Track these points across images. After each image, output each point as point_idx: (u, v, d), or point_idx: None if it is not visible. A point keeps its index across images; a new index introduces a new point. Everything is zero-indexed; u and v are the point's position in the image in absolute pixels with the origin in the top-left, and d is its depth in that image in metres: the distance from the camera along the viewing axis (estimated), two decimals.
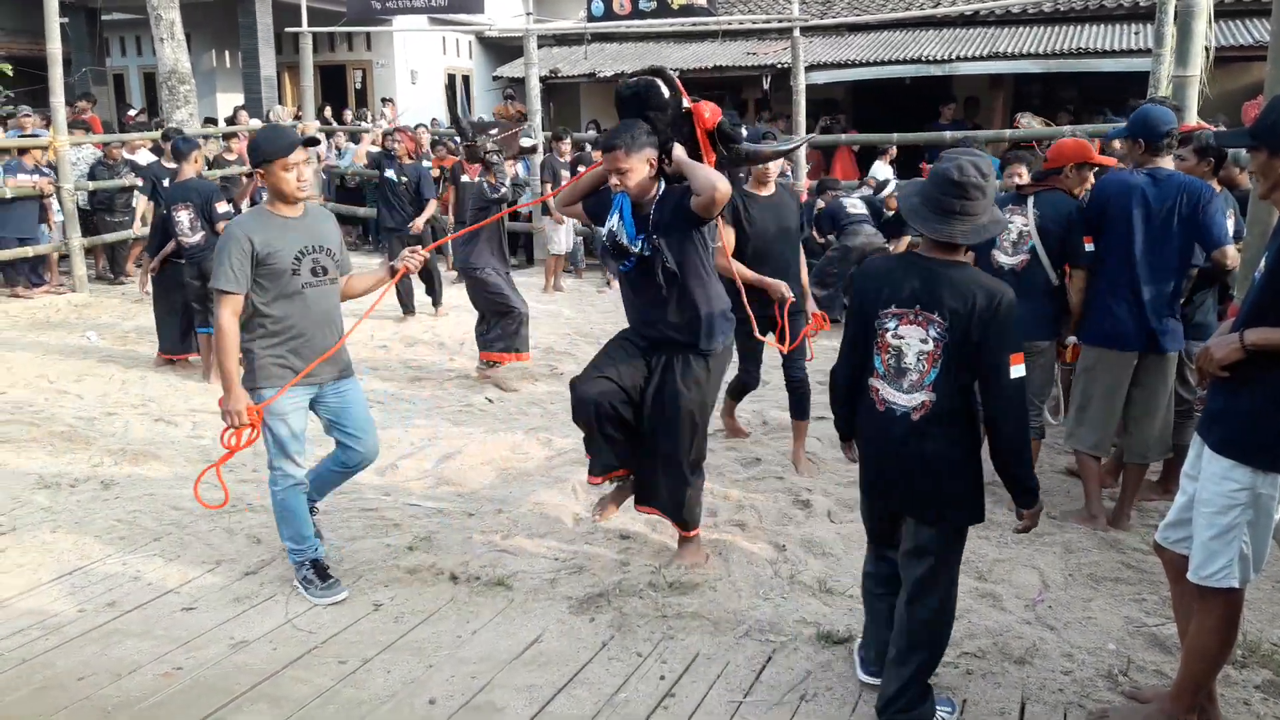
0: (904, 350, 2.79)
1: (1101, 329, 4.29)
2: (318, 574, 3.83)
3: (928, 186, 2.81)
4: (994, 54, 13.01)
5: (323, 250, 3.81)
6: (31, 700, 3.11)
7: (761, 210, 4.95)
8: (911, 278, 2.78)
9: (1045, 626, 3.54)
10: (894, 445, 2.82)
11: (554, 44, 16.91)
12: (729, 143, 3.75)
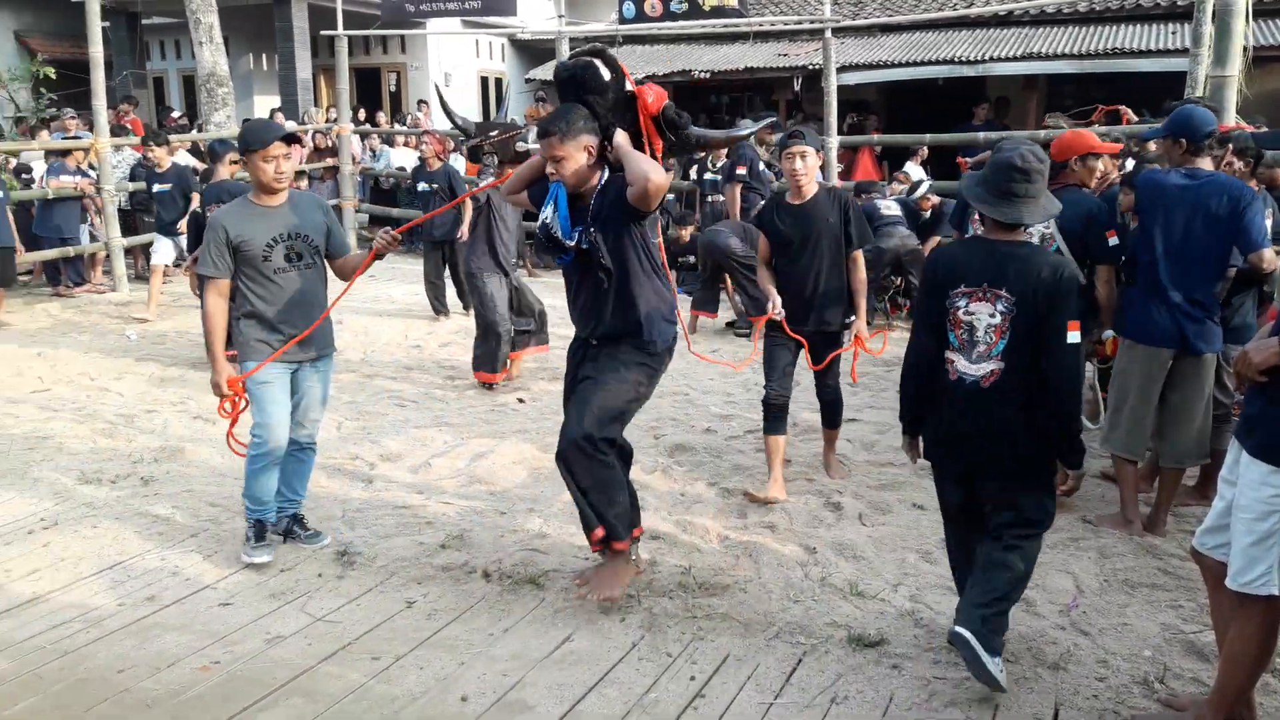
0: (975, 325, 3.08)
1: (1136, 325, 4.26)
2: (256, 535, 4.16)
3: (990, 175, 3.09)
4: (1028, 54, 12.90)
5: (298, 237, 4.07)
6: (73, 692, 3.17)
7: (789, 217, 4.73)
8: (979, 259, 3.09)
9: (1080, 632, 3.51)
10: (967, 410, 3.11)
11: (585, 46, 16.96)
12: (675, 129, 3.53)
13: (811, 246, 4.68)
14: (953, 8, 14.72)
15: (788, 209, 4.74)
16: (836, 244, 4.70)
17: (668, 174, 3.46)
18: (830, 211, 4.69)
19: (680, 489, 4.92)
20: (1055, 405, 2.99)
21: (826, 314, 4.75)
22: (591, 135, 3.47)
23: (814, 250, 4.68)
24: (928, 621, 3.57)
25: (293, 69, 16.04)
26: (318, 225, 4.14)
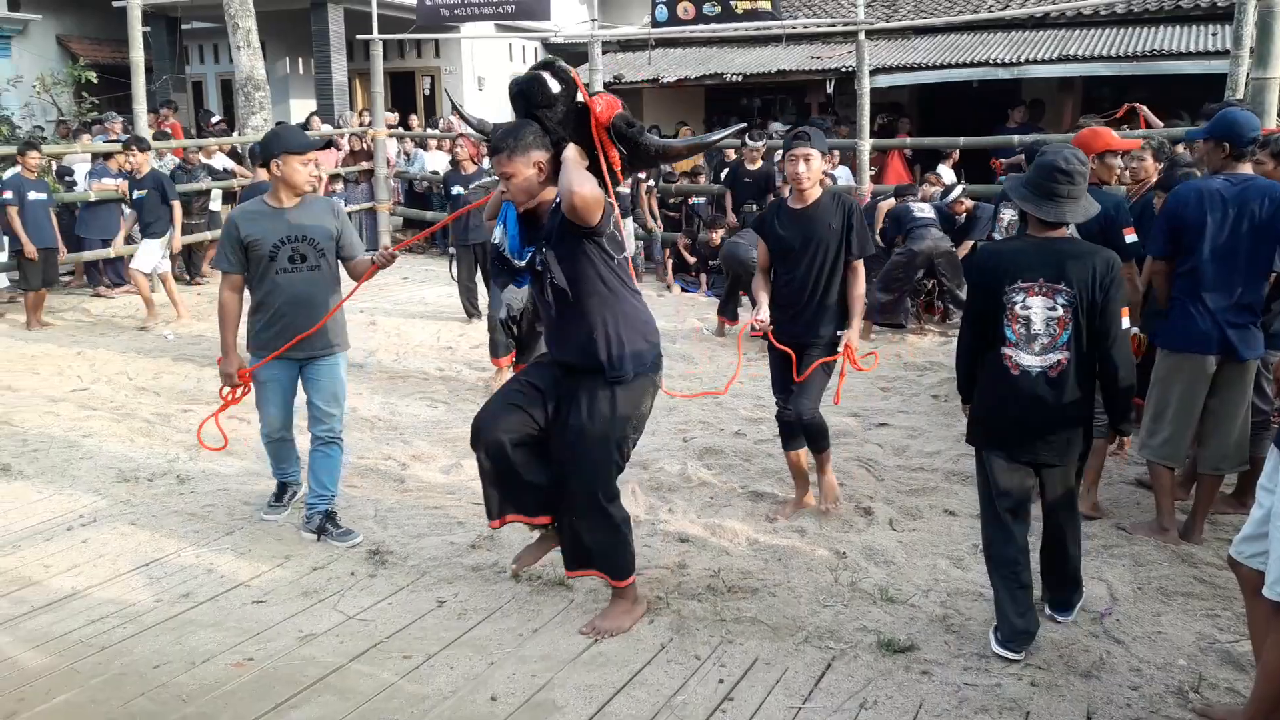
0: (1032, 319, 3.26)
1: (1178, 334, 4.20)
2: (275, 495, 4.66)
3: (1034, 176, 3.31)
4: (1064, 56, 12.76)
5: (304, 240, 4.26)
6: (111, 686, 3.23)
7: (789, 222, 4.42)
8: (1033, 256, 3.28)
9: (1113, 640, 3.47)
10: (1031, 400, 3.28)
11: (618, 50, 17.01)
12: (626, 140, 3.33)
13: (810, 254, 4.35)
14: (988, 10, 14.60)
15: (788, 213, 4.44)
16: (836, 251, 4.36)
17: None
18: (832, 217, 4.35)
19: (709, 492, 4.92)
20: (1116, 384, 3.31)
21: (820, 325, 4.40)
22: (542, 151, 3.34)
23: (813, 258, 4.35)
24: (959, 628, 3.55)
25: (329, 73, 16.21)
26: (326, 229, 4.31)
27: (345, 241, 4.38)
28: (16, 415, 6.21)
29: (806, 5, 16.57)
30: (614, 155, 3.35)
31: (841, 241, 4.35)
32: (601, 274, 3.36)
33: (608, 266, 3.36)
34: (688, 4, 11.02)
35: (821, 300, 4.38)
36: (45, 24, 18.00)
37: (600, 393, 3.41)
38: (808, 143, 4.34)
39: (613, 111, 3.31)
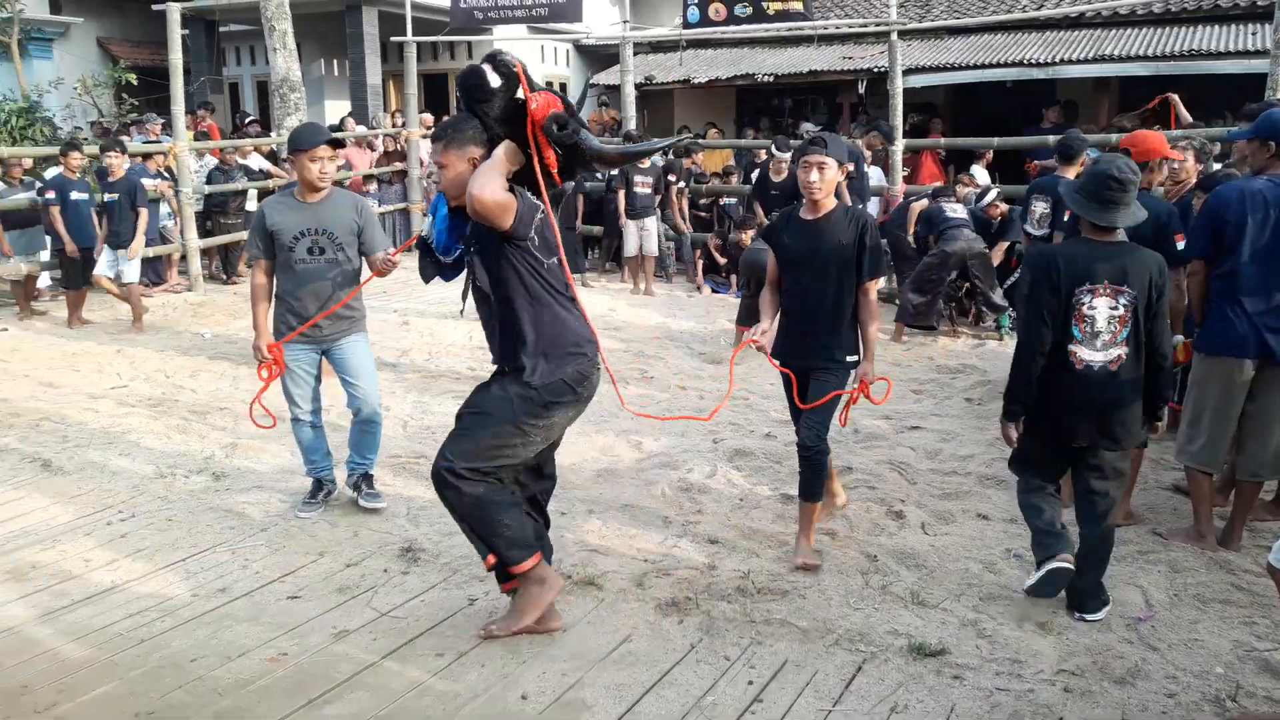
0: (1096, 318, 3.53)
1: (1216, 337, 4.14)
2: (309, 492, 4.75)
3: (1089, 183, 3.56)
4: (1100, 56, 12.64)
5: (323, 233, 4.49)
6: (149, 679, 3.28)
7: (798, 233, 4.13)
8: (1098, 260, 3.53)
9: (1148, 647, 3.43)
10: (1095, 392, 3.55)
11: (649, 51, 17.03)
12: (559, 142, 3.18)
13: (818, 269, 4.05)
14: (1022, 9, 14.48)
15: (798, 224, 4.15)
16: (847, 269, 4.03)
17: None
18: (844, 232, 4.03)
19: (739, 494, 4.91)
20: (1159, 375, 3.62)
21: (827, 348, 4.07)
22: (477, 147, 3.25)
23: (820, 273, 4.05)
24: (991, 632, 3.52)
25: (363, 74, 16.35)
26: (347, 224, 4.54)
27: (366, 237, 4.59)
28: (58, 411, 6.32)
29: (839, 5, 16.51)
30: (550, 156, 3.19)
31: (852, 260, 4.03)
32: (524, 279, 3.26)
33: (532, 272, 3.26)
34: (719, 5, 11.02)
35: (830, 319, 4.06)
36: (86, 27, 18.30)
37: (512, 389, 3.32)
38: (823, 150, 4.04)
39: (547, 111, 3.14)
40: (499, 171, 3.13)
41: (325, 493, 4.76)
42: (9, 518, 4.63)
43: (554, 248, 3.30)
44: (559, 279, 3.32)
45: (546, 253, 3.28)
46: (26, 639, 3.53)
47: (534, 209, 3.22)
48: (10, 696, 3.16)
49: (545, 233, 3.26)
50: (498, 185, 3.10)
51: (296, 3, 12.79)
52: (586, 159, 3.27)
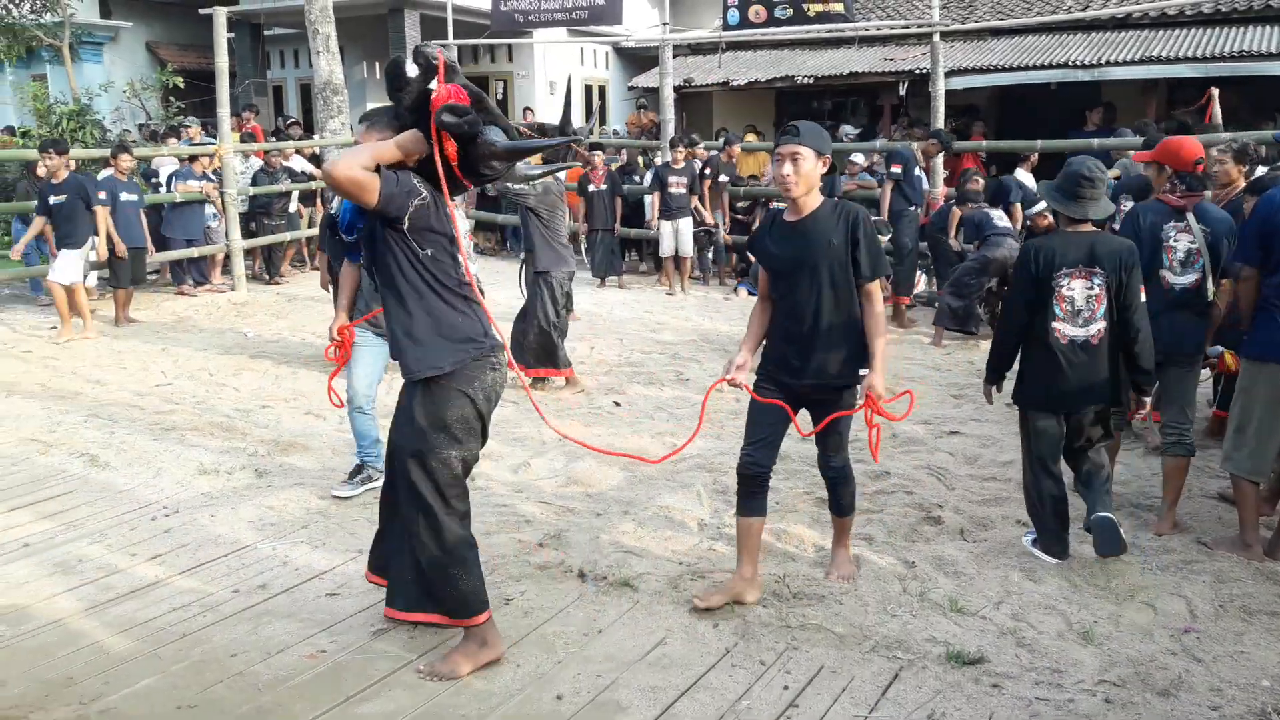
0: (1075, 298, 3.95)
1: (1264, 344, 4.07)
2: (351, 472, 5.00)
3: (1064, 183, 4.03)
4: (1147, 58, 12.43)
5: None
6: (191, 672, 3.33)
7: (781, 240, 3.74)
8: (1072, 247, 3.97)
9: (1192, 658, 3.37)
10: (1079, 363, 3.99)
11: (688, 53, 17.02)
12: (457, 134, 3.10)
13: (809, 275, 3.65)
14: (1067, 10, 14.28)
15: (782, 228, 3.75)
16: (842, 272, 3.64)
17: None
18: (833, 232, 3.62)
19: (775, 498, 4.88)
20: (1136, 344, 4.00)
21: (828, 364, 3.69)
22: (386, 131, 3.27)
23: (812, 280, 3.65)
24: (1030, 641, 3.48)
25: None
26: None
27: None
28: (105, 409, 6.44)
29: (880, 7, 16.40)
30: (450, 148, 3.14)
31: (847, 260, 3.63)
32: (400, 265, 3.19)
33: (410, 259, 3.18)
34: (759, 7, 11.00)
35: (826, 334, 3.67)
36: (135, 31, 18.66)
37: (405, 400, 3.27)
38: (795, 138, 3.58)
39: (446, 100, 3.10)
40: (371, 152, 3.08)
41: (364, 477, 4.93)
42: (57, 511, 4.73)
43: (444, 240, 3.22)
44: (446, 272, 3.22)
45: (430, 243, 3.18)
46: (73, 631, 3.60)
47: (411, 194, 3.13)
48: (57, 687, 3.23)
49: (431, 222, 3.18)
50: (354, 162, 3.02)
51: (340, 6, 12.94)
52: (483, 154, 3.18)
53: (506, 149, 3.22)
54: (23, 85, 16.11)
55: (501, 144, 3.19)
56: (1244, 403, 4.16)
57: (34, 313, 9.98)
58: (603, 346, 8.33)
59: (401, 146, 3.14)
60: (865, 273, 3.65)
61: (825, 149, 3.63)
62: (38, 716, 3.07)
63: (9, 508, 4.77)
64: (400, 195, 3.09)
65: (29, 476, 5.21)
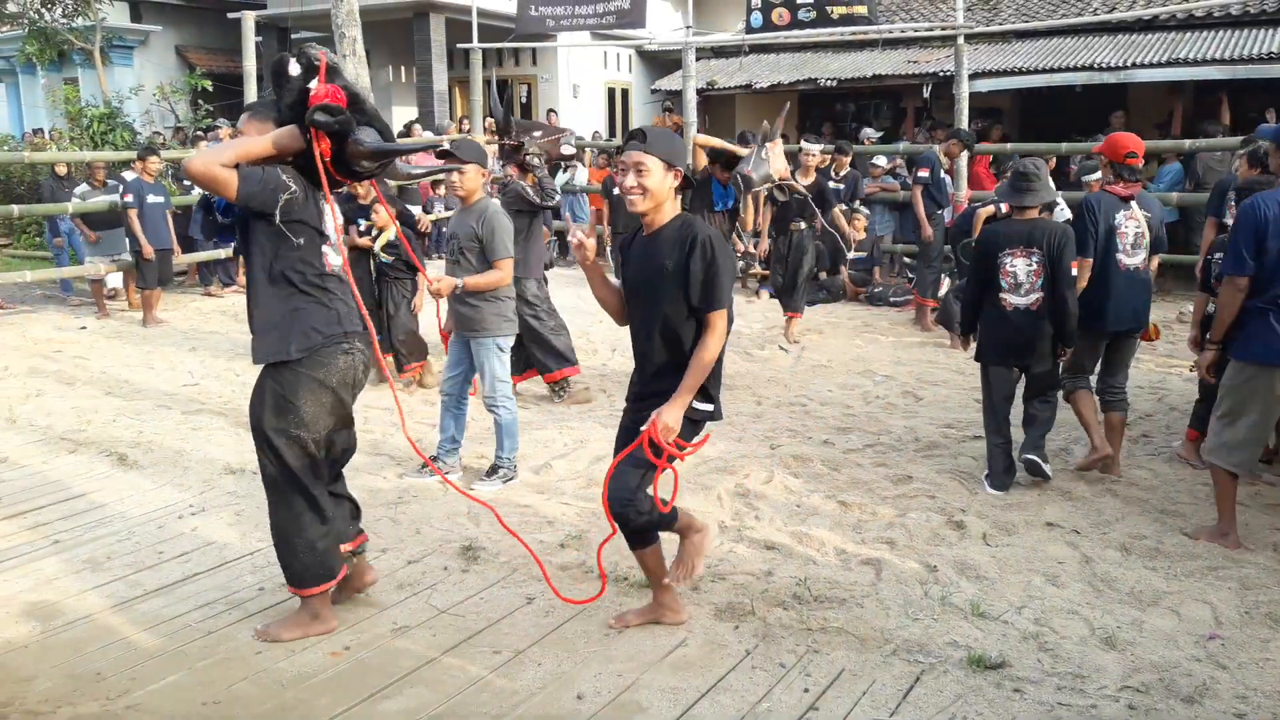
0: (1018, 273, 4.82)
1: (1266, 348, 4.07)
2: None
3: (1012, 180, 4.95)
4: (1173, 60, 12.32)
5: (455, 239, 5.10)
6: (217, 669, 3.37)
7: (634, 255, 3.42)
8: (1016, 231, 4.87)
9: (1217, 665, 3.35)
10: (1022, 327, 4.86)
11: (711, 56, 17.03)
12: (327, 131, 3.23)
13: (645, 296, 3.35)
14: (1093, 12, 14.18)
15: (639, 242, 3.44)
16: (675, 298, 3.25)
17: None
18: (669, 253, 3.24)
19: (796, 500, 4.89)
20: (1065, 312, 4.79)
21: (658, 393, 3.33)
22: (265, 124, 3.38)
23: (647, 302, 3.34)
24: (1053, 646, 3.46)
25: (430, 81, 16.60)
26: (469, 232, 5.03)
27: (487, 245, 5.02)
28: (133, 408, 6.52)
29: (904, 9, 16.35)
30: (324, 146, 3.27)
31: (681, 286, 3.23)
32: (265, 254, 3.34)
33: (275, 251, 3.33)
34: (783, 10, 10.99)
35: (663, 364, 3.34)
36: (165, 35, 18.87)
37: (259, 383, 3.45)
38: (640, 145, 3.27)
39: (320, 99, 3.21)
40: (236, 149, 3.23)
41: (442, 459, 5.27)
42: (86, 509, 4.80)
43: (314, 233, 3.36)
44: (309, 263, 3.36)
45: (301, 234, 3.33)
46: (102, 627, 3.66)
47: (278, 190, 3.26)
48: (86, 682, 3.28)
49: (301, 215, 3.32)
50: (213, 159, 3.17)
51: (366, 10, 13.03)
52: (353, 154, 3.30)
53: (372, 149, 3.33)
54: (55, 88, 16.33)
55: (369, 145, 3.31)
56: (1235, 400, 4.21)
57: (65, 313, 10.12)
58: (625, 348, 8.33)
59: (275, 142, 3.28)
60: (694, 303, 3.23)
61: (677, 160, 3.26)
62: (66, 711, 3.12)
63: (39, 505, 4.85)
64: (265, 192, 3.25)
65: (59, 474, 5.29)
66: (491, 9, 15.33)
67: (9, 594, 3.89)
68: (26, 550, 4.31)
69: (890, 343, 8.65)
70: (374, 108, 3.42)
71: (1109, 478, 5.09)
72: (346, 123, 3.25)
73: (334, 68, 3.27)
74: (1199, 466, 5.06)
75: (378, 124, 3.38)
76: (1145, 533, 4.42)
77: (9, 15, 16.14)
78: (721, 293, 3.24)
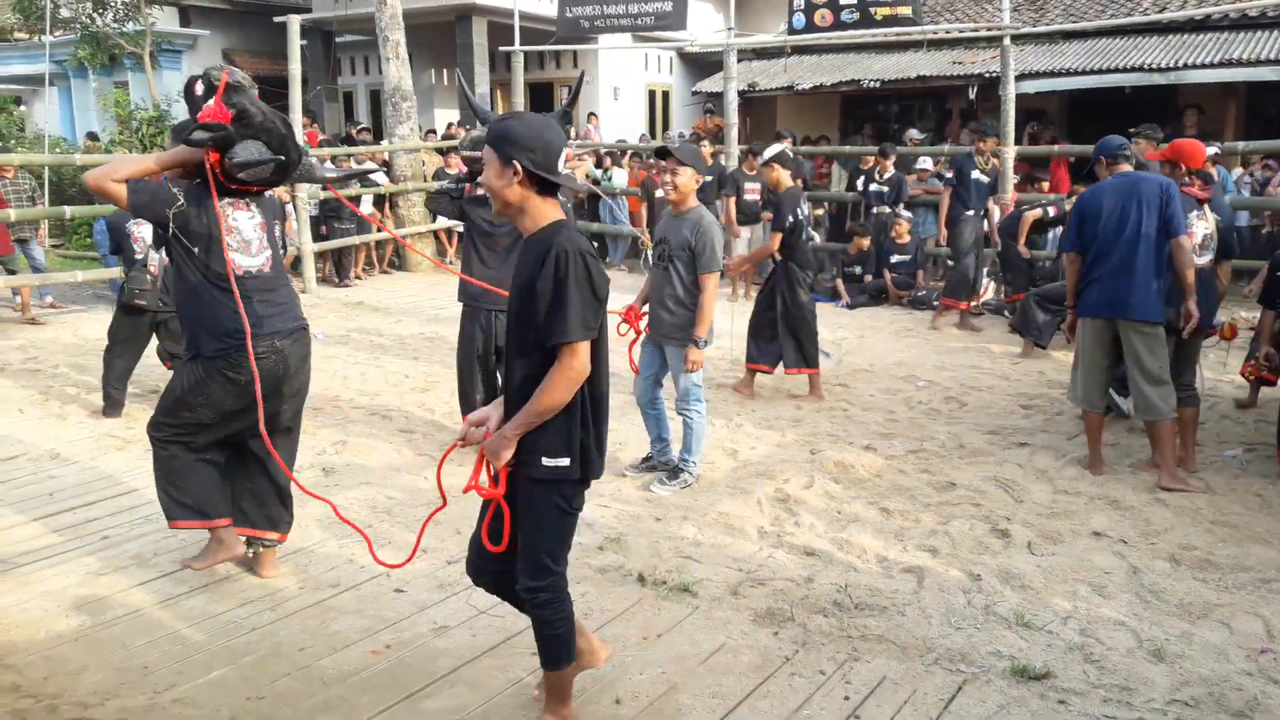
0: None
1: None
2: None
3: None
4: (1226, 60, 12.07)
5: (666, 244, 5.09)
6: (260, 665, 3.41)
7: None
8: None
9: (1269, 680, 3.27)
10: None
11: (752, 58, 16.97)
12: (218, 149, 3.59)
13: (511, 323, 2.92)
14: (1143, 12, 13.93)
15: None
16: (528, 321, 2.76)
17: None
18: (527, 269, 2.79)
19: (837, 506, 4.85)
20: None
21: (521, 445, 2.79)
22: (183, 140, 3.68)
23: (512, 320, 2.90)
24: (1099, 657, 3.40)
25: (472, 84, 16.70)
26: (681, 240, 4.97)
27: (699, 257, 4.94)
28: None
29: (949, 9, 16.18)
30: (213, 157, 3.61)
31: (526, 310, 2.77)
32: (178, 260, 3.74)
33: (182, 257, 3.71)
34: (825, 11, 10.92)
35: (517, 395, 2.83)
36: (213, 39, 19.17)
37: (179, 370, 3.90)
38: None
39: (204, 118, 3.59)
40: (130, 166, 3.64)
41: (647, 465, 5.35)
42: (133, 506, 4.88)
43: (208, 240, 3.68)
44: (211, 268, 3.69)
45: (198, 242, 3.68)
46: (149, 621, 3.72)
47: (167, 203, 3.62)
48: (133, 676, 3.33)
49: (193, 225, 3.66)
50: (105, 174, 3.56)
51: (409, 13, 13.16)
52: (228, 166, 3.63)
53: (238, 163, 3.64)
54: (106, 92, 16.65)
55: (238, 159, 3.64)
56: None
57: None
58: None
59: (160, 160, 3.70)
60: (540, 328, 2.73)
61: (514, 153, 2.69)
62: (114, 704, 3.17)
63: (87, 501, 4.93)
64: (154, 204, 3.62)
65: (106, 471, 5.38)
66: (533, 11, 15.40)
67: (59, 588, 3.97)
68: (76, 545, 4.39)
69: (934, 347, 8.57)
70: (270, 122, 3.68)
71: (1156, 487, 5.00)
72: (223, 139, 3.57)
73: (235, 86, 3.61)
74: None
75: (265, 137, 3.65)
76: (1196, 543, 4.33)
77: (62, 20, 16.50)
78: (567, 327, 2.67)
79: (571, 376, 2.71)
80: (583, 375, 2.73)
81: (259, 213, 3.84)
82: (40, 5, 14.80)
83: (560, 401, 2.72)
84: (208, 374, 3.75)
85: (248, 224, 3.79)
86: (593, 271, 2.72)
